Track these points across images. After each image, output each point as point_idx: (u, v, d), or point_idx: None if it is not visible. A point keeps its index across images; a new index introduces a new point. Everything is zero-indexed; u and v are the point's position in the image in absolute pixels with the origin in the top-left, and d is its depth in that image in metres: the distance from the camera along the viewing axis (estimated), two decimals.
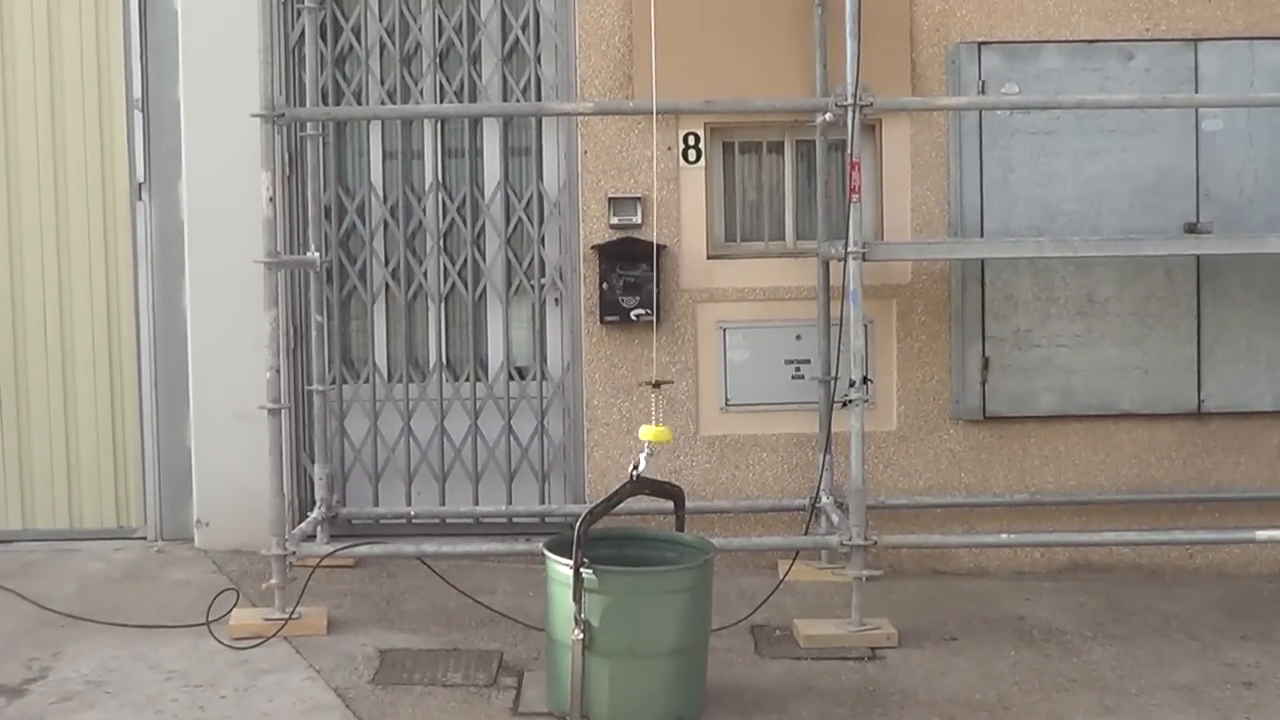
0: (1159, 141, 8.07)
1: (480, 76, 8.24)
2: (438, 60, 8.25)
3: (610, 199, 8.08)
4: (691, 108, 7.72)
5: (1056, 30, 8.04)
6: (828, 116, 7.57)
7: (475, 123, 8.37)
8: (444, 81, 8.26)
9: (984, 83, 8.06)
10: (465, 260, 8.30)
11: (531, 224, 8.28)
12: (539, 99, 8.20)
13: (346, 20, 8.22)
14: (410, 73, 8.24)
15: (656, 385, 6.69)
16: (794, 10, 7.96)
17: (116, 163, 8.44)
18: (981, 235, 8.11)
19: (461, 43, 8.22)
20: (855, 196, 6.93)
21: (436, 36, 8.20)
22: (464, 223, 8.31)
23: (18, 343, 8.57)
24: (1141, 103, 7.79)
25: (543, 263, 8.29)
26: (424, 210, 8.31)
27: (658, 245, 7.87)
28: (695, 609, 6.04)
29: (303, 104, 8.13)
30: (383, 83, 8.27)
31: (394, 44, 8.20)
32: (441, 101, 8.29)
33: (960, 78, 8.05)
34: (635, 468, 6.17)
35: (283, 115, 7.19)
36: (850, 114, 6.90)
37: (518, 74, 8.26)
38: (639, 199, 8.09)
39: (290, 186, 8.13)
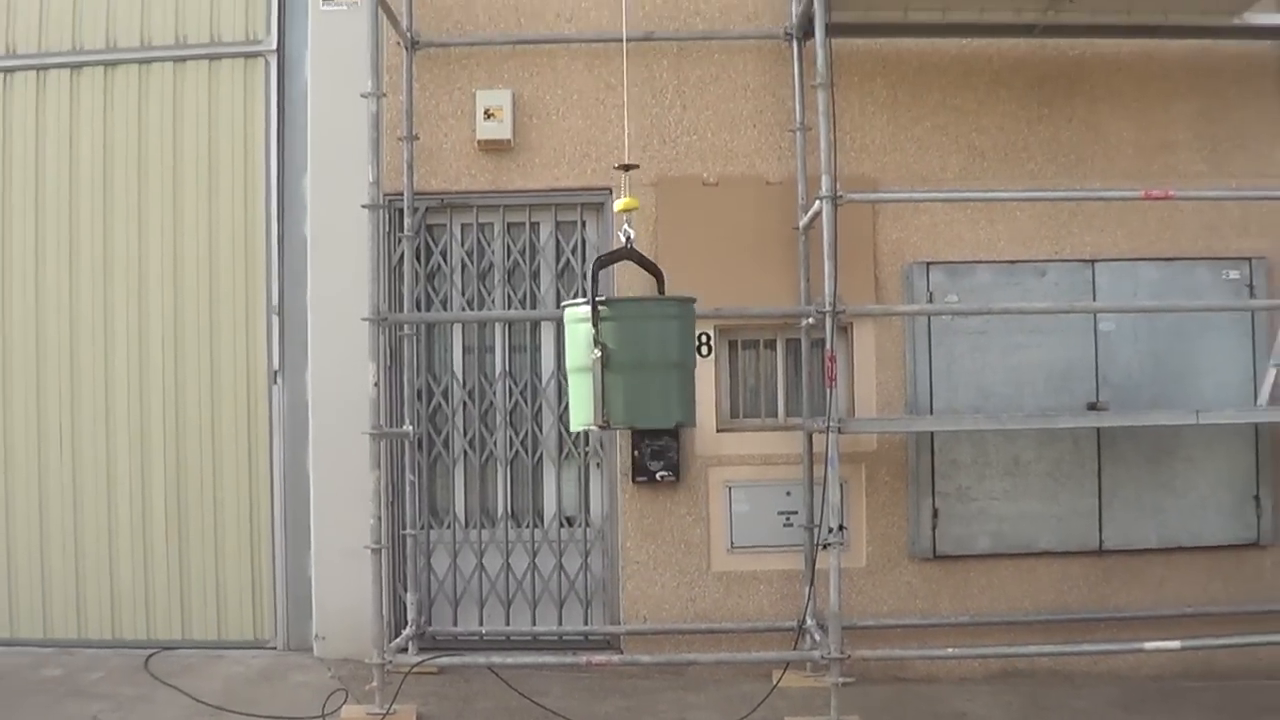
0: (1067, 339, 9.22)
1: (539, 288, 9.42)
2: (506, 276, 9.43)
3: None
4: (703, 313, 8.27)
5: (986, 253, 9.29)
6: (810, 320, 8.81)
7: (535, 325, 9.44)
8: (510, 292, 9.43)
9: (931, 293, 9.22)
10: (526, 432, 9.40)
11: None
12: None
13: (436, 245, 9.45)
14: (484, 285, 9.42)
15: (626, 169, 7.32)
16: (782, 238, 9.16)
17: (258, 354, 9.61)
18: (931, 412, 9.18)
19: (525, 262, 9.43)
20: (832, 383, 7.97)
21: (505, 257, 9.42)
22: (525, 403, 9.41)
23: (180, 492, 9.58)
24: (1052, 309, 9.02)
25: (587, 434, 9.30)
26: (494, 393, 9.42)
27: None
28: (685, 334, 6.83)
29: (401, 310, 9.24)
30: (463, 293, 9.43)
31: (472, 263, 9.42)
32: (509, 308, 9.40)
33: (913, 290, 9.22)
34: (628, 238, 6.99)
35: (385, 319, 8.39)
36: (828, 318, 7.99)
37: (568, 286, 9.43)
38: None
39: (390, 374, 9.15)
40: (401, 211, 9.22)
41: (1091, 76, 9.48)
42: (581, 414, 6.68)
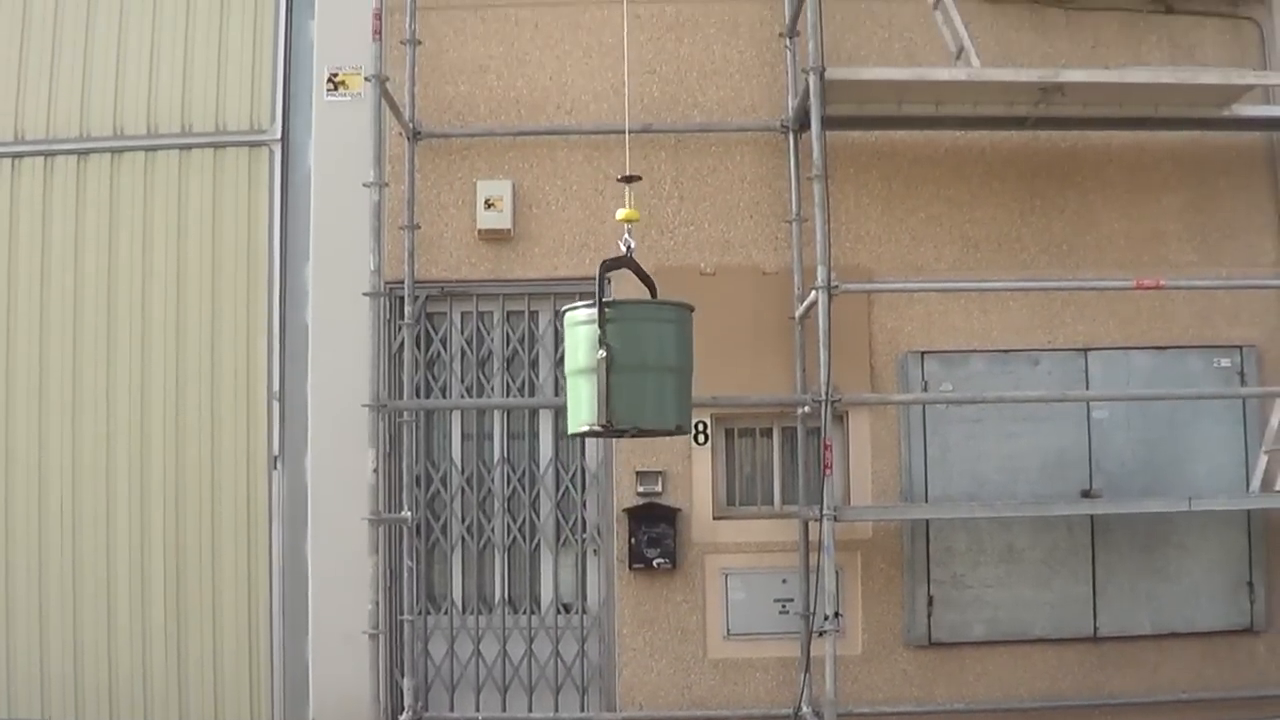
0: (1060, 427, 9.29)
1: (538, 376, 9.53)
2: (505, 364, 9.52)
3: (638, 472, 9.27)
4: (701, 402, 8.50)
5: (980, 342, 9.42)
6: (806, 408, 8.88)
7: (534, 412, 9.55)
8: (509, 380, 9.52)
9: (926, 382, 9.34)
10: (524, 519, 9.46)
11: (576, 491, 9.46)
12: None
13: (436, 333, 9.55)
14: (484, 373, 9.53)
15: (629, 180, 7.51)
16: (778, 327, 9.27)
17: (258, 439, 9.64)
18: (926, 500, 9.24)
19: (524, 350, 9.53)
20: (828, 471, 8.07)
21: (504, 345, 9.53)
22: (523, 490, 9.48)
23: (179, 575, 9.58)
24: (1046, 398, 9.13)
25: (584, 522, 9.45)
26: (492, 479, 9.48)
27: (675, 509, 9.23)
28: (682, 339, 6.94)
29: (401, 397, 9.30)
30: (462, 380, 9.53)
31: (472, 351, 9.52)
32: (508, 396, 9.51)
33: (908, 379, 9.34)
34: (628, 247, 7.10)
35: (385, 406, 8.59)
36: (824, 407, 8.10)
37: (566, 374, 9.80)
38: (661, 472, 9.28)
39: (389, 460, 9.23)
40: (402, 299, 9.32)
41: (1083, 168, 9.64)
42: (581, 415, 6.72)
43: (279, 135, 9.84)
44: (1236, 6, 9.83)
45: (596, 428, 6.61)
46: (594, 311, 6.65)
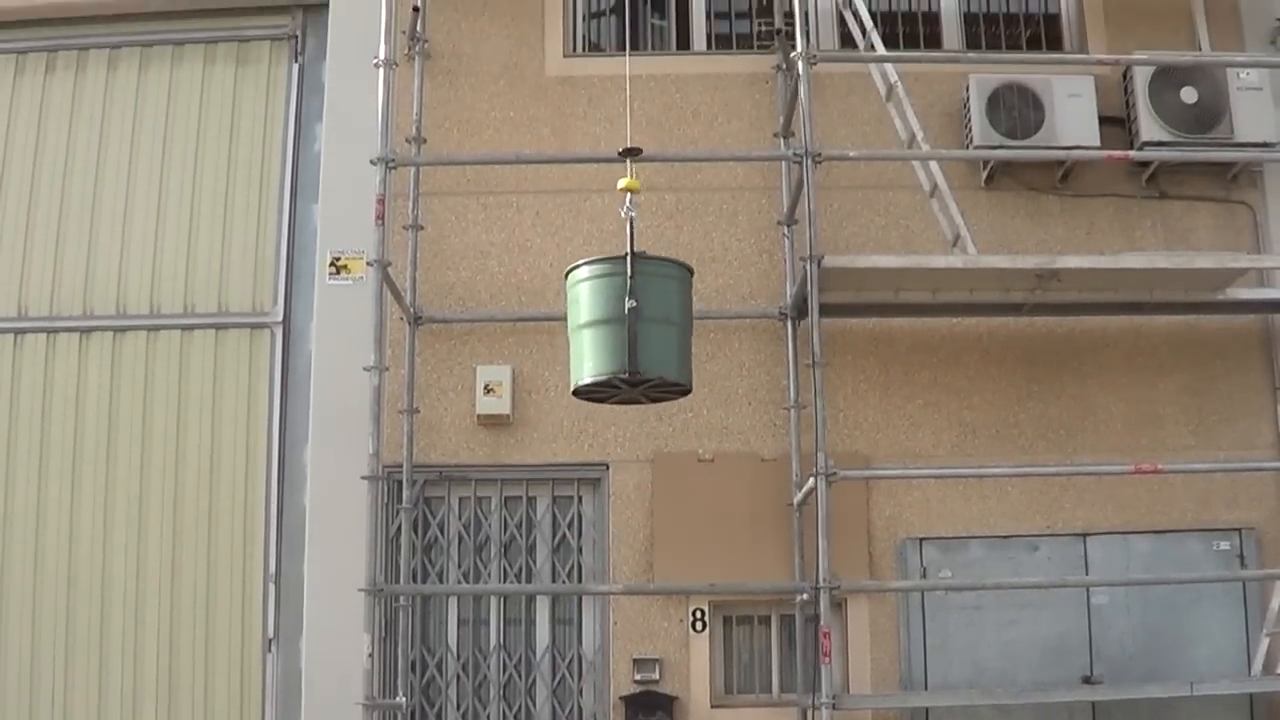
0: (1060, 612, 9.20)
1: (535, 562, 9.50)
2: (503, 549, 9.50)
3: (635, 659, 9.18)
4: (698, 589, 9.05)
5: (979, 528, 9.38)
6: (804, 596, 8.84)
7: (531, 598, 9.48)
8: (507, 566, 9.50)
9: (925, 569, 9.27)
10: (520, 707, 9.34)
11: (573, 678, 9.35)
12: (580, 581, 9.43)
13: (433, 517, 9.53)
14: (481, 558, 9.49)
15: (630, 153, 7.76)
16: (776, 514, 9.29)
17: (253, 621, 9.59)
18: (926, 688, 9.13)
19: (521, 536, 9.51)
20: (826, 659, 8.00)
21: (502, 531, 9.51)
22: (519, 676, 9.36)
23: None
24: (1045, 584, 9.03)
25: (581, 709, 9.31)
26: (489, 666, 9.38)
27: (672, 697, 9.11)
28: (684, 296, 7.36)
29: (397, 582, 9.21)
30: (459, 566, 9.49)
31: (469, 536, 9.50)
32: (505, 581, 9.47)
33: (907, 565, 9.28)
34: (630, 221, 7.34)
35: (382, 590, 8.47)
36: (822, 595, 8.03)
37: (564, 560, 9.50)
38: (658, 659, 9.19)
39: (385, 645, 9.07)
40: (400, 483, 9.34)
41: (1080, 353, 9.69)
42: (593, 365, 6.98)
43: (281, 317, 9.97)
44: (1229, 191, 9.97)
45: (619, 378, 6.86)
46: (596, 267, 6.95)
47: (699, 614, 9.28)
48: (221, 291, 10.07)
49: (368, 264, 8.76)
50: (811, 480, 8.38)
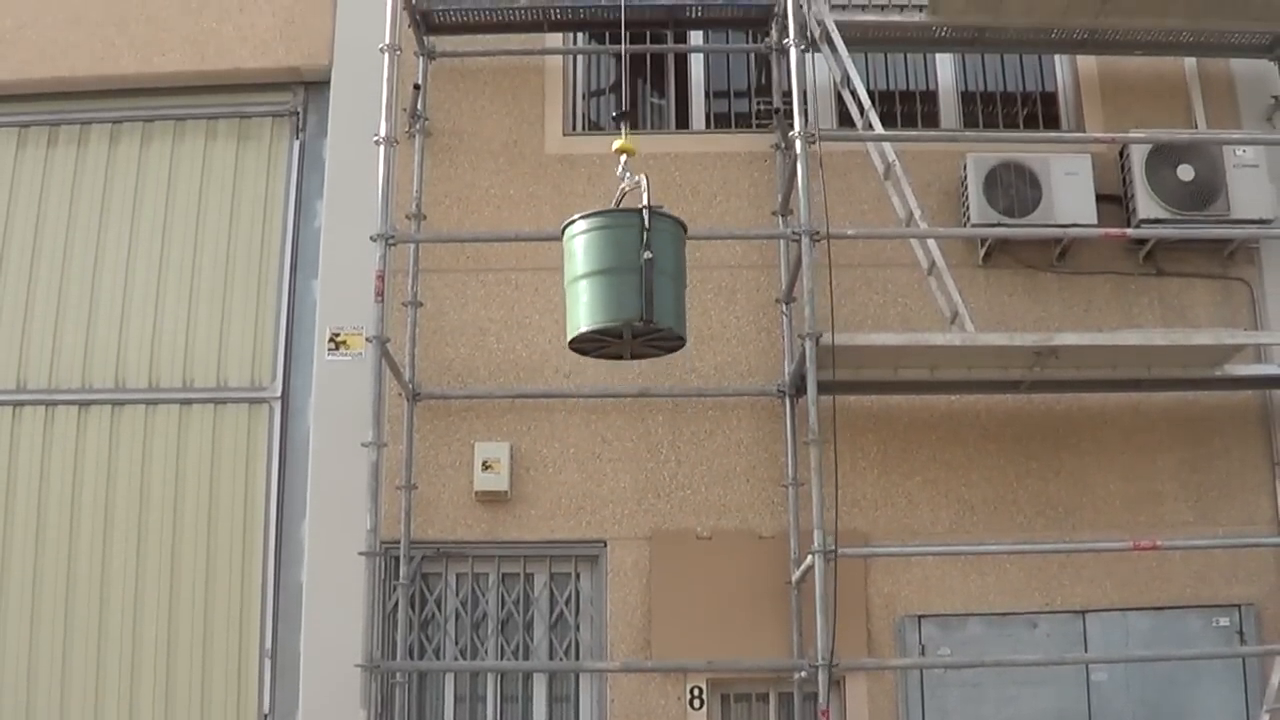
0: (1060, 689, 9.18)
1: (532, 639, 9.44)
2: (500, 626, 9.45)
3: None
4: (696, 667, 9.00)
5: (978, 605, 9.33)
6: (803, 674, 8.78)
7: (528, 675, 9.42)
8: (504, 643, 9.45)
9: (924, 646, 9.24)
10: None
11: None
12: (577, 658, 9.39)
13: (430, 594, 9.50)
14: (478, 635, 9.44)
15: (622, 115, 7.90)
16: (774, 592, 9.24)
17: (249, 698, 9.51)
18: None
19: (519, 613, 9.47)
20: None
21: (499, 608, 9.47)
22: None
23: None
24: (1044, 661, 9.09)
25: None
26: None
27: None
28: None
29: (394, 658, 9.18)
30: (456, 642, 9.44)
31: (466, 613, 9.47)
32: (502, 659, 9.43)
33: (906, 643, 9.24)
34: (623, 177, 7.52)
35: (379, 667, 8.47)
36: (821, 673, 8.02)
37: (561, 638, 9.45)
38: None
39: None
40: (398, 559, 9.32)
41: (1078, 430, 9.70)
42: (604, 312, 7.16)
43: (280, 392, 9.98)
44: (1226, 268, 10.01)
45: (634, 325, 7.11)
46: (601, 219, 7.19)
47: (697, 692, 9.23)
48: (220, 366, 10.09)
49: (367, 340, 8.78)
50: (810, 558, 8.38)
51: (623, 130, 7.85)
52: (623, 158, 7.66)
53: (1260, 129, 10.23)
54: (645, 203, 7.22)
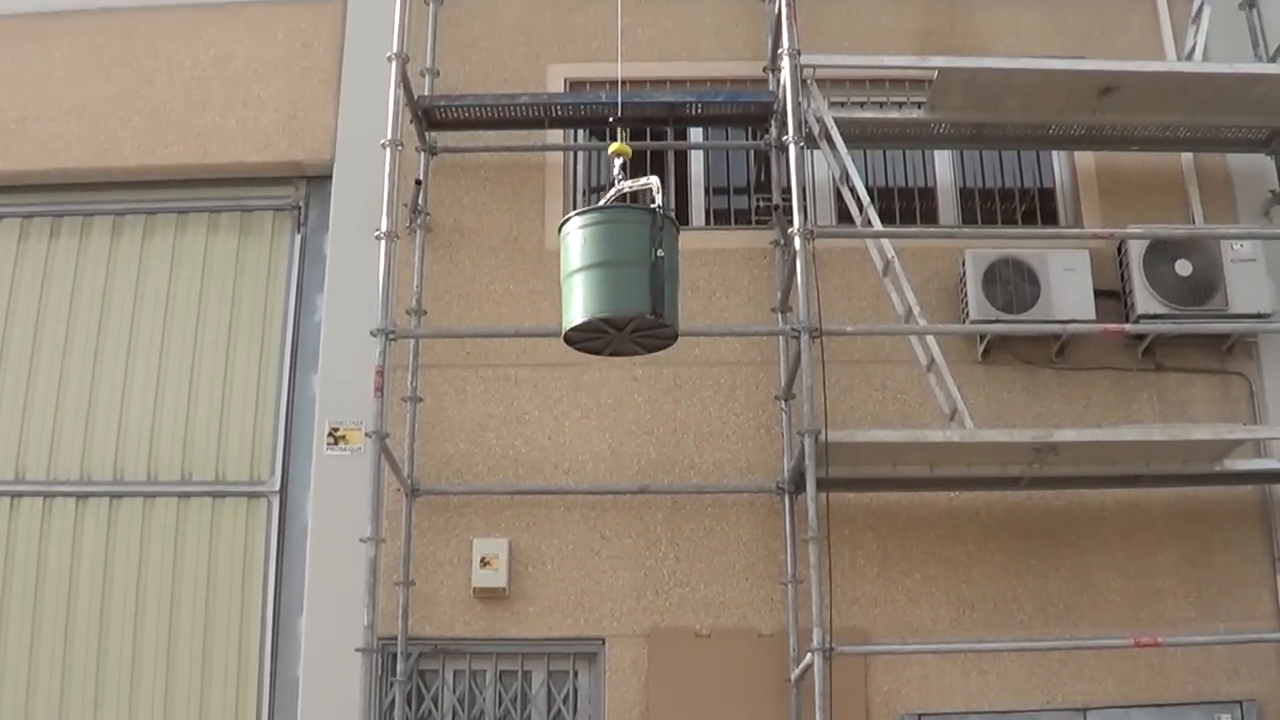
0: None
1: None
2: None
3: None
4: None
5: (978, 703, 9.24)
6: None
7: None
8: None
9: None
10: None
11: None
12: None
13: (428, 691, 9.41)
14: None
15: (615, 121, 8.18)
16: (773, 690, 9.13)
17: None
18: None
19: (516, 711, 9.38)
20: None
21: (497, 705, 9.39)
22: None
23: None
24: None
25: None
26: None
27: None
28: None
29: None
30: None
31: (464, 710, 9.36)
32: None
33: None
34: (615, 175, 7.64)
35: None
36: None
37: None
38: None
39: None
40: (395, 656, 9.28)
41: (1078, 526, 9.68)
42: (610, 303, 7.24)
43: (278, 487, 9.97)
44: (1225, 363, 10.03)
45: (647, 317, 7.22)
46: (590, 216, 7.36)
47: None
48: (219, 459, 10.10)
49: (366, 435, 8.80)
50: (809, 656, 8.35)
51: (618, 134, 8.01)
52: (618, 160, 7.76)
53: (1257, 223, 10.29)
54: (658, 203, 7.39)
